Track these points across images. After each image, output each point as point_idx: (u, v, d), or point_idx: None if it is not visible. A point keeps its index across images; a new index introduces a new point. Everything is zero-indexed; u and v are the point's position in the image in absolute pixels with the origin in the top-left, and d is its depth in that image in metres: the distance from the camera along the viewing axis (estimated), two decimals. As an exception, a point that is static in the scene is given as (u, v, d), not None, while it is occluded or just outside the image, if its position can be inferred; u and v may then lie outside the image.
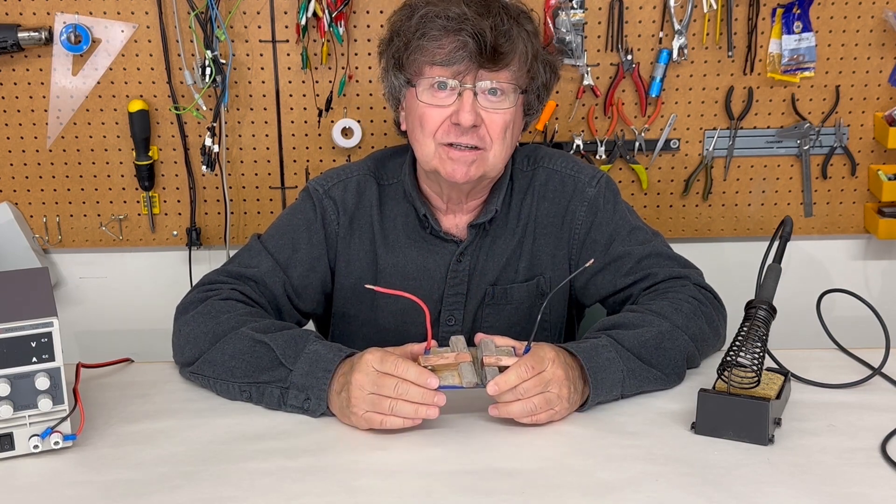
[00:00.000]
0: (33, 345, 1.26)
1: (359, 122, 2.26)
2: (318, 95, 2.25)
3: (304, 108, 2.26)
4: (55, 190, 2.30)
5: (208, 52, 2.15)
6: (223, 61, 2.18)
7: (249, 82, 2.24)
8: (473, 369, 1.35)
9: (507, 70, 1.54)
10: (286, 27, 2.21)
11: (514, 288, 1.71)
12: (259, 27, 2.21)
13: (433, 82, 1.54)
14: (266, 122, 2.27)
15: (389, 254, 1.69)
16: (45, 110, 2.23)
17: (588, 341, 1.45)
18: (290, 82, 2.24)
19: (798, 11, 2.22)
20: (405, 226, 1.70)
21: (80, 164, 2.28)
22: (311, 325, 1.87)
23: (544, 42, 2.22)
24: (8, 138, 2.25)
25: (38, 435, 1.29)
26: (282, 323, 1.53)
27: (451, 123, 1.54)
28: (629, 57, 2.23)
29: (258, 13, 2.20)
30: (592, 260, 1.53)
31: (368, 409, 1.32)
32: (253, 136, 2.28)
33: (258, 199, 2.33)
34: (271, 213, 2.32)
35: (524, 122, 1.66)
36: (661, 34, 2.23)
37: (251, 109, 2.26)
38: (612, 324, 1.51)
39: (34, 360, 1.27)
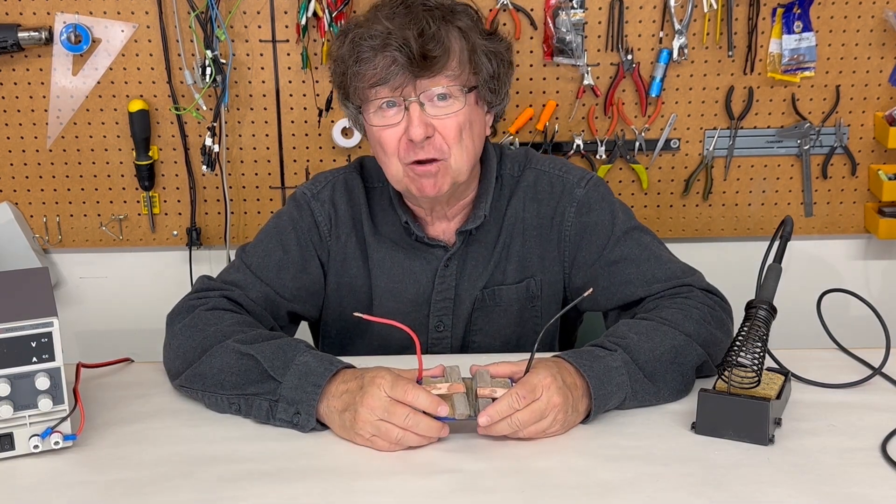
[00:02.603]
0: (33, 345, 1.26)
1: (359, 121, 2.26)
2: (318, 95, 2.25)
3: (304, 108, 2.26)
4: (55, 190, 2.30)
5: (208, 52, 2.15)
6: (223, 61, 2.18)
7: (249, 82, 2.24)
8: (467, 401, 1.33)
9: (445, 73, 1.52)
10: (286, 27, 2.21)
11: (504, 290, 1.69)
12: (259, 27, 2.21)
13: (379, 104, 1.53)
14: (266, 122, 2.27)
15: (378, 252, 1.69)
16: (45, 110, 2.23)
17: (601, 360, 1.39)
18: (290, 82, 2.24)
19: (798, 11, 2.22)
20: (392, 231, 1.69)
21: (80, 164, 2.28)
22: (307, 334, 1.86)
23: (544, 42, 2.22)
24: (8, 138, 2.26)
25: (38, 435, 1.29)
26: (269, 332, 1.49)
27: (407, 141, 1.53)
28: (629, 57, 2.23)
29: (258, 13, 2.20)
30: (591, 290, 1.48)
31: (375, 433, 1.30)
32: (253, 135, 2.28)
33: (258, 199, 2.33)
34: (271, 212, 2.29)
35: (491, 114, 1.64)
36: (661, 34, 2.23)
37: (251, 109, 2.26)
38: (627, 333, 1.46)
39: (34, 360, 1.27)
